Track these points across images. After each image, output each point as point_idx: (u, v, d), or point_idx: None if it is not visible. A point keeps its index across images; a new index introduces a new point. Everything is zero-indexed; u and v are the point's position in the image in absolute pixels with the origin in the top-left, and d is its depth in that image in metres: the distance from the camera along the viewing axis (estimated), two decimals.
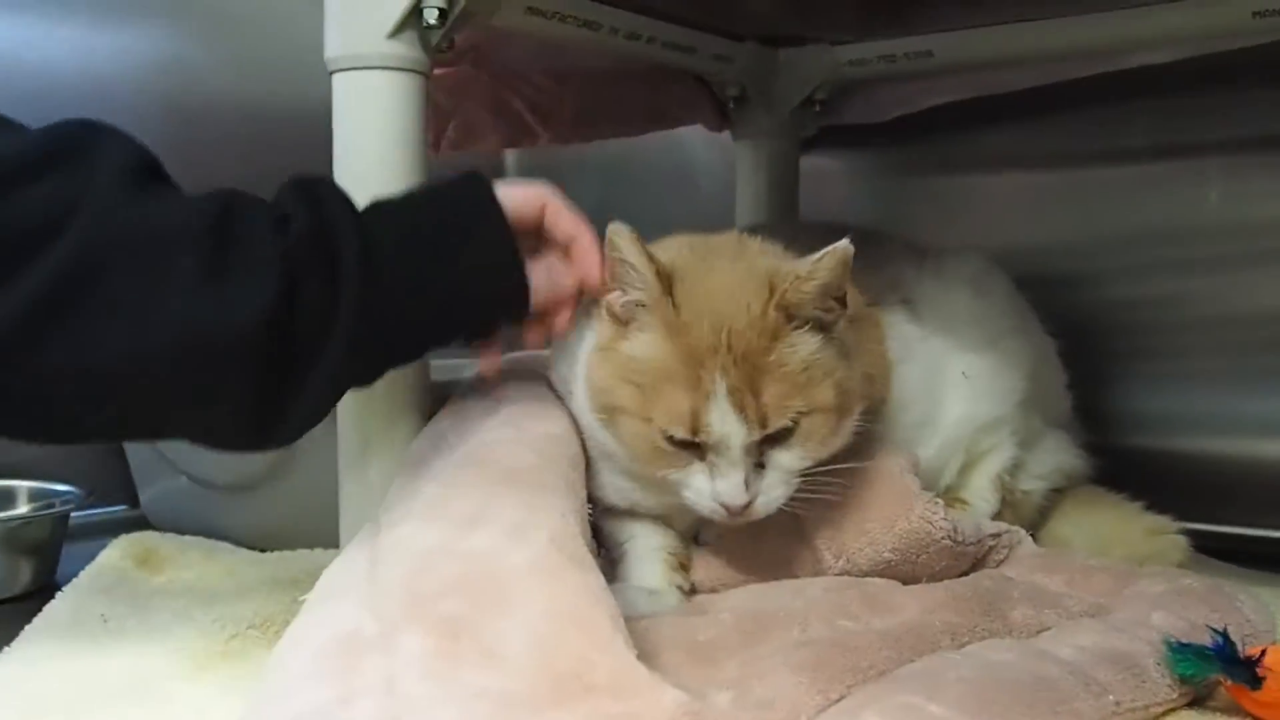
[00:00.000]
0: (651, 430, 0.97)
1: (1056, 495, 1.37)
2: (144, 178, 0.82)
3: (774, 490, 0.99)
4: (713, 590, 1.12)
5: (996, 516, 1.28)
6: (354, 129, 1.12)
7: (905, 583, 1.08)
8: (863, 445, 1.08)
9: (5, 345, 0.74)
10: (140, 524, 1.56)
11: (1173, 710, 0.89)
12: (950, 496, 1.26)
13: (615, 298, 1.01)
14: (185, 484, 1.55)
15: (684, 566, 1.13)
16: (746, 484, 0.96)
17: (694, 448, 0.97)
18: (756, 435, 0.95)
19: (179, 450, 1.51)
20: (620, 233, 0.97)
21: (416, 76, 1.12)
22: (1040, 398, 1.35)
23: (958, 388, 1.27)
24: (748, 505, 0.97)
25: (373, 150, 1.11)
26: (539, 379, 1.12)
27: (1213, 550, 1.34)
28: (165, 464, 1.55)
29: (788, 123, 1.74)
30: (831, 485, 1.01)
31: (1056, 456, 1.38)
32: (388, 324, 0.89)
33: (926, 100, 1.68)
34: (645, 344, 0.99)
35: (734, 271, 1.01)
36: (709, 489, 0.97)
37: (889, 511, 1.09)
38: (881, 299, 1.22)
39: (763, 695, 0.83)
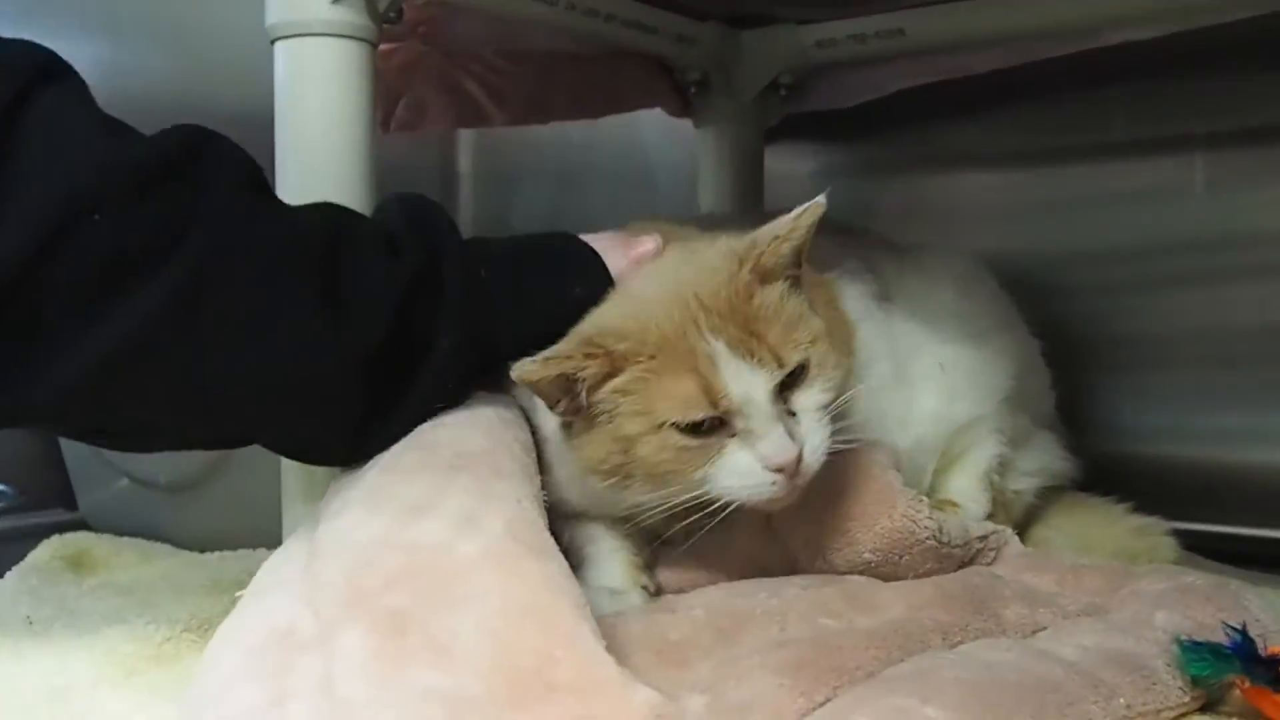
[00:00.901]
0: (668, 435, 0.90)
1: (1041, 500, 1.33)
2: (254, 191, 0.84)
3: (815, 435, 0.92)
4: (680, 591, 1.05)
5: (988, 518, 1.23)
6: (297, 101, 1.07)
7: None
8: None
9: (124, 359, 0.75)
10: (79, 528, 1.51)
11: (1185, 715, 0.83)
12: (939, 500, 1.21)
13: (563, 408, 0.94)
14: (127, 485, 1.50)
15: (648, 567, 1.07)
16: (791, 434, 0.90)
17: (719, 429, 0.91)
18: (778, 377, 0.90)
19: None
20: (528, 371, 0.89)
21: (363, 45, 1.08)
22: (1027, 396, 1.31)
23: (932, 380, 1.22)
24: (799, 459, 0.90)
25: (317, 123, 1.06)
26: None
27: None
28: (105, 465, 1.50)
29: (751, 109, 1.68)
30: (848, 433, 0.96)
31: (1045, 456, 1.34)
32: (485, 342, 0.93)
33: (894, 84, 1.63)
34: (621, 382, 0.92)
35: (682, 266, 0.98)
36: (752, 460, 0.90)
37: (869, 509, 1.03)
38: (841, 267, 1.18)
39: (740, 699, 0.76)
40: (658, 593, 1.05)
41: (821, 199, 0.93)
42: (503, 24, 1.41)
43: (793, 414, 0.93)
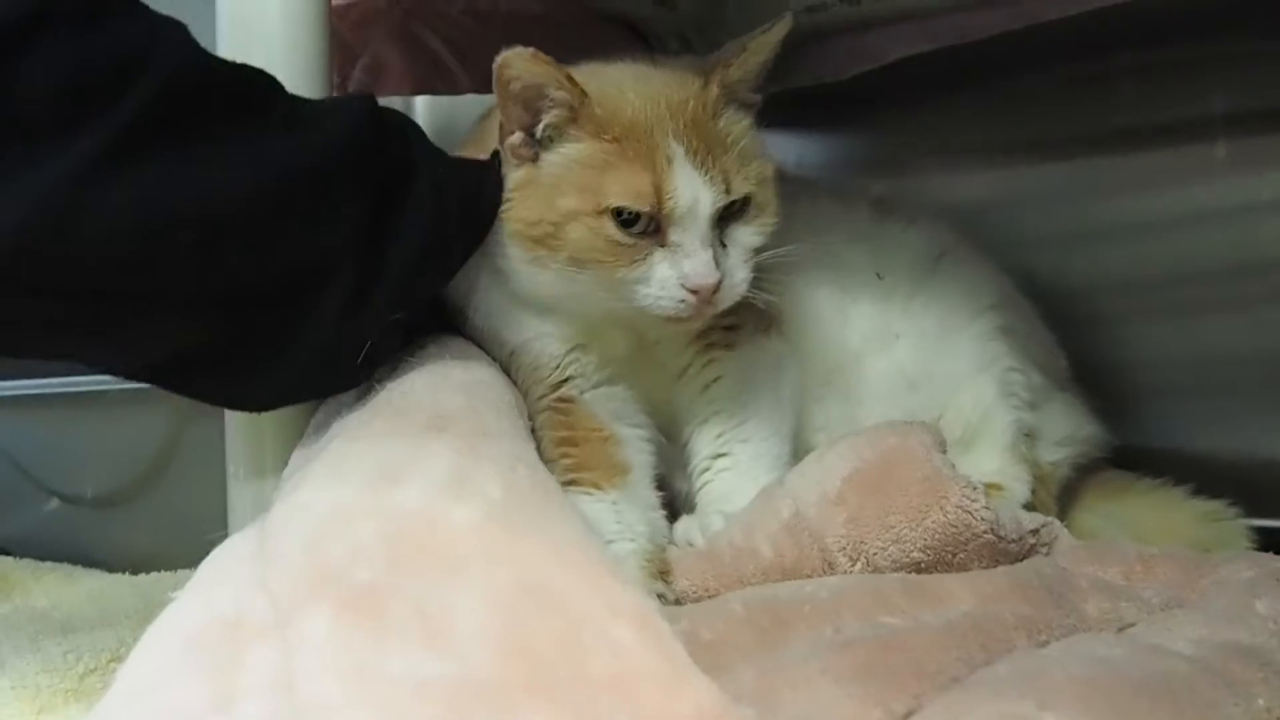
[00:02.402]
0: (604, 222, 0.93)
1: (1079, 481, 1.23)
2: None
3: (738, 272, 0.96)
4: (698, 600, 0.93)
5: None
6: (239, 43, 0.96)
7: None
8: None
9: (100, 172, 0.72)
10: None
11: None
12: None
13: (517, 139, 0.97)
14: (54, 507, 1.35)
15: (664, 574, 0.95)
16: (716, 261, 0.93)
17: (653, 235, 0.94)
18: (723, 200, 0.94)
19: (43, 464, 1.33)
20: (519, 55, 0.93)
21: None
22: (1029, 351, 1.23)
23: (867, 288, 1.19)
24: (717, 288, 0.93)
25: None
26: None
27: None
28: (31, 484, 1.37)
29: None
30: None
31: (1070, 421, 1.25)
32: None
33: (891, 52, 1.51)
34: (573, 149, 0.96)
35: (654, 74, 1.00)
36: (674, 275, 0.93)
37: (917, 501, 0.91)
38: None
39: (800, 712, 0.64)
40: (676, 603, 0.93)
41: (788, 16, 0.97)
42: None
43: (724, 246, 0.96)
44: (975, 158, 1.65)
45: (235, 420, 0.95)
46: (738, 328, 1.06)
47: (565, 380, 1.04)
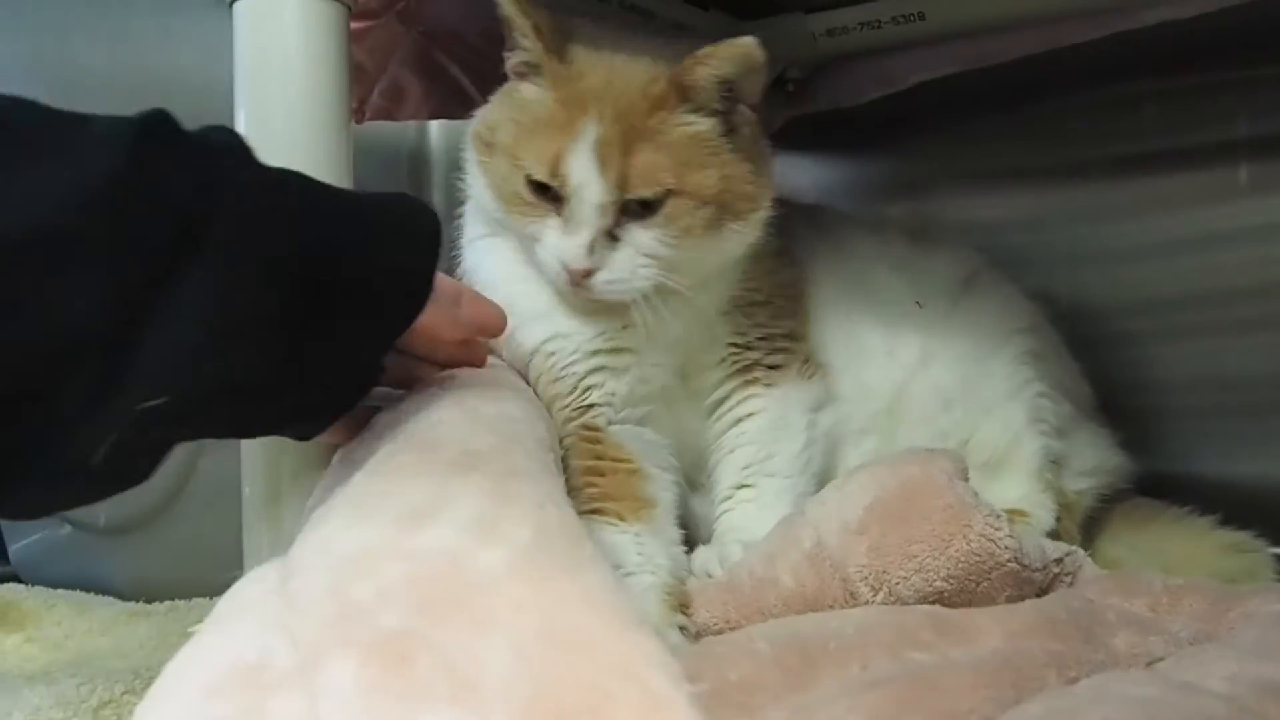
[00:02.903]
0: (517, 173, 0.96)
1: (1104, 510, 1.23)
2: None
3: (619, 267, 0.96)
4: (719, 634, 0.91)
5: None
6: (260, 73, 0.94)
7: None
8: None
9: None
10: (7, 579, 1.40)
11: None
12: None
13: (508, 56, 1.01)
14: (66, 533, 1.33)
15: (684, 608, 0.94)
16: (591, 249, 0.95)
17: (554, 201, 0.96)
18: (612, 195, 0.94)
19: None
20: None
21: (337, 7, 0.96)
22: (1058, 378, 1.25)
23: (909, 319, 1.18)
24: (588, 274, 0.95)
25: (284, 99, 0.92)
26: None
27: None
28: None
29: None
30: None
31: (1096, 450, 1.27)
32: (279, 268, 0.65)
33: (911, 76, 1.50)
34: (532, 91, 0.99)
35: (641, 45, 1.00)
36: (556, 245, 0.96)
37: (940, 530, 0.91)
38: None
39: None
40: (697, 635, 0.92)
41: (752, 39, 0.94)
42: (488, 4, 1.27)
43: (616, 239, 0.96)
44: (996, 180, 1.64)
45: (250, 448, 0.94)
46: (781, 368, 1.06)
47: (590, 406, 1.03)
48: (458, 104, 1.31)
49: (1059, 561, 0.98)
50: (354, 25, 0.99)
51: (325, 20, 0.93)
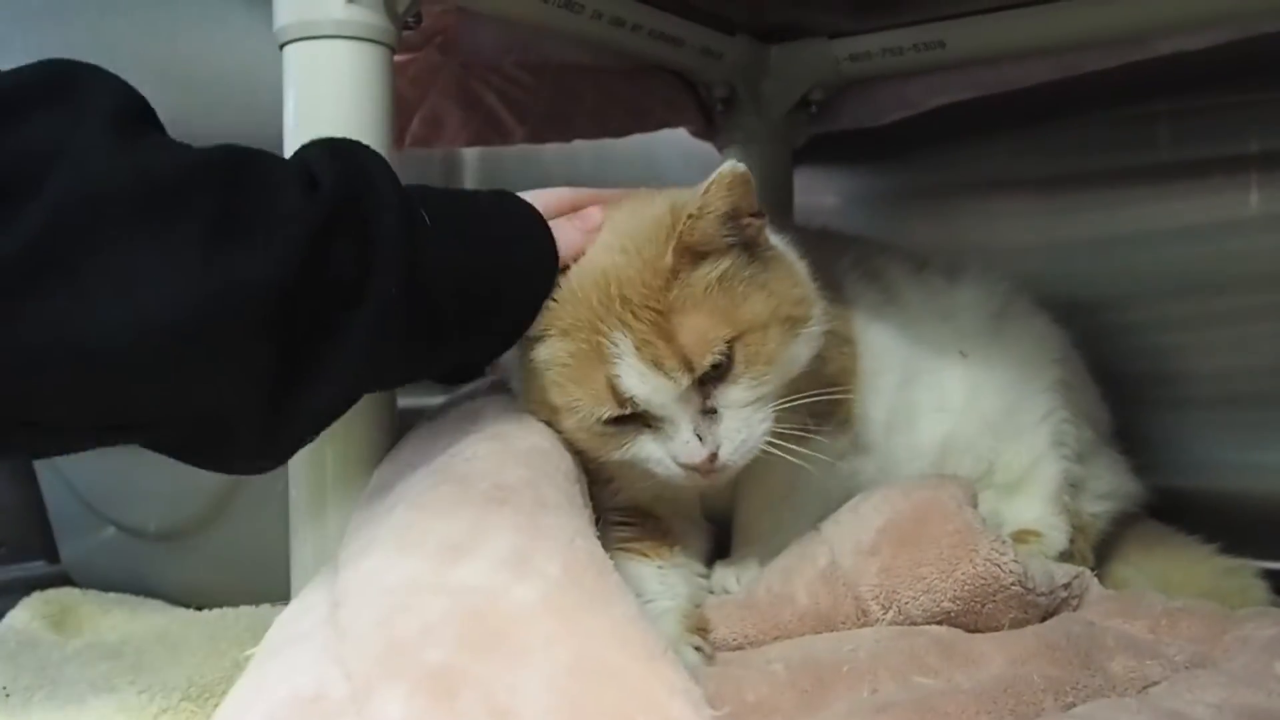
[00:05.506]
0: (586, 419, 0.90)
1: (1117, 533, 1.26)
2: (137, 124, 0.69)
3: (736, 434, 0.90)
4: (738, 649, 0.96)
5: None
6: (309, 110, 0.98)
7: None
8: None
9: None
10: (61, 581, 1.44)
11: None
12: (1017, 530, 1.14)
13: None
14: (113, 535, 1.38)
15: (701, 630, 0.97)
16: (700, 438, 0.88)
17: (634, 419, 0.90)
18: (685, 382, 0.87)
19: (106, 496, 1.34)
20: None
21: (381, 49, 0.99)
22: (1082, 405, 1.25)
23: (954, 369, 1.19)
24: (713, 458, 0.88)
25: (332, 134, 0.95)
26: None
27: None
28: (90, 512, 1.39)
29: (780, 127, 1.60)
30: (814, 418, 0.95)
31: (1113, 476, 1.27)
32: (425, 296, 0.77)
33: (931, 100, 1.54)
34: (547, 349, 0.91)
35: (619, 230, 0.93)
36: (665, 455, 0.90)
37: (948, 553, 0.94)
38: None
39: None
40: (715, 651, 0.95)
41: (734, 163, 0.88)
42: (523, 34, 1.33)
43: (714, 410, 0.90)
44: (1014, 196, 1.66)
45: (297, 458, 0.98)
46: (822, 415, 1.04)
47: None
48: (494, 131, 1.35)
49: (1067, 585, 1.01)
50: (396, 59, 1.02)
51: (370, 61, 0.97)
